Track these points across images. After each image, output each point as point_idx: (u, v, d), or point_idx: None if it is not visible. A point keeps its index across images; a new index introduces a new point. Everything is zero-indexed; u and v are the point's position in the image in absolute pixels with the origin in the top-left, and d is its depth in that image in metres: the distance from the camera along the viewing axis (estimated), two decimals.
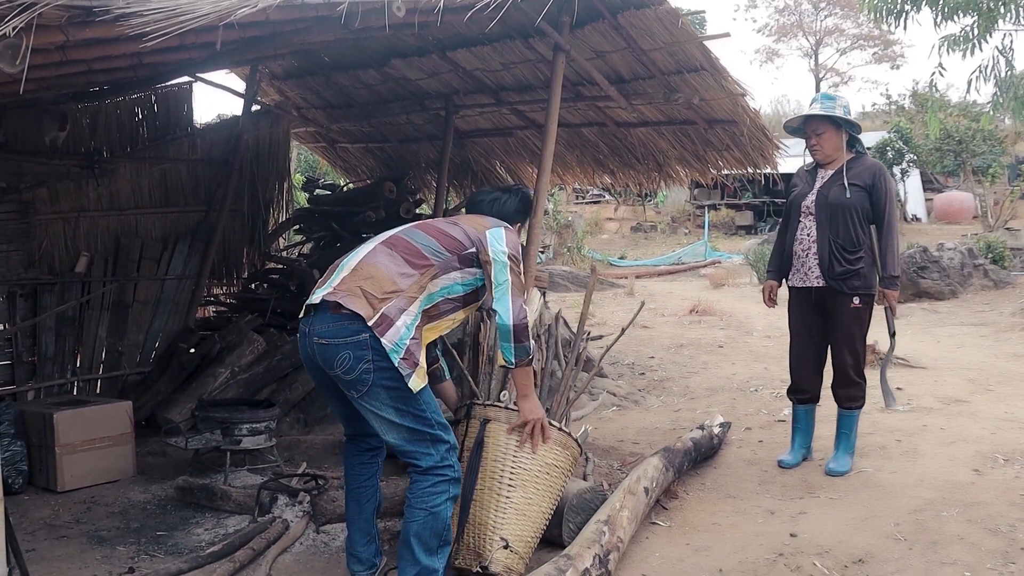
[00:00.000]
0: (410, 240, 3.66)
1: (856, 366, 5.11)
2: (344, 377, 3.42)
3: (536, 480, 3.86)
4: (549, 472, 3.90)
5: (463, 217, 3.95)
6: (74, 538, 4.53)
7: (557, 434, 3.92)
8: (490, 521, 3.82)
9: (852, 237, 4.99)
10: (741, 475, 5.20)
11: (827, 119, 5.08)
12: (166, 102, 7.50)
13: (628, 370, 8.72)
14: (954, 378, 7.59)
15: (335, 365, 3.41)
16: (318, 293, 3.54)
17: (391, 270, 3.52)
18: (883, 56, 46.94)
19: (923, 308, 12.45)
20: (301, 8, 3.65)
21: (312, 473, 5.02)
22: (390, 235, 3.74)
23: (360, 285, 3.46)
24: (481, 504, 3.84)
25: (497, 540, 3.80)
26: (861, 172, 5.05)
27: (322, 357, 3.45)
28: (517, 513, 3.83)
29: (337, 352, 3.39)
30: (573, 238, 22.39)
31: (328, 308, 3.45)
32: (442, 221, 3.86)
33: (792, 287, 5.27)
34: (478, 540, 3.83)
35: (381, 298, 3.42)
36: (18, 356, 6.60)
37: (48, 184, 6.78)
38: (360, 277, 3.50)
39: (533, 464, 3.85)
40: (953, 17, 9.66)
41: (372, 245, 3.67)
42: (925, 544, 4.05)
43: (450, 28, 5.51)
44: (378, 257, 3.58)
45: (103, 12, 3.04)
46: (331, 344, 3.41)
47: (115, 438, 5.50)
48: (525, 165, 8.35)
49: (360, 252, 3.65)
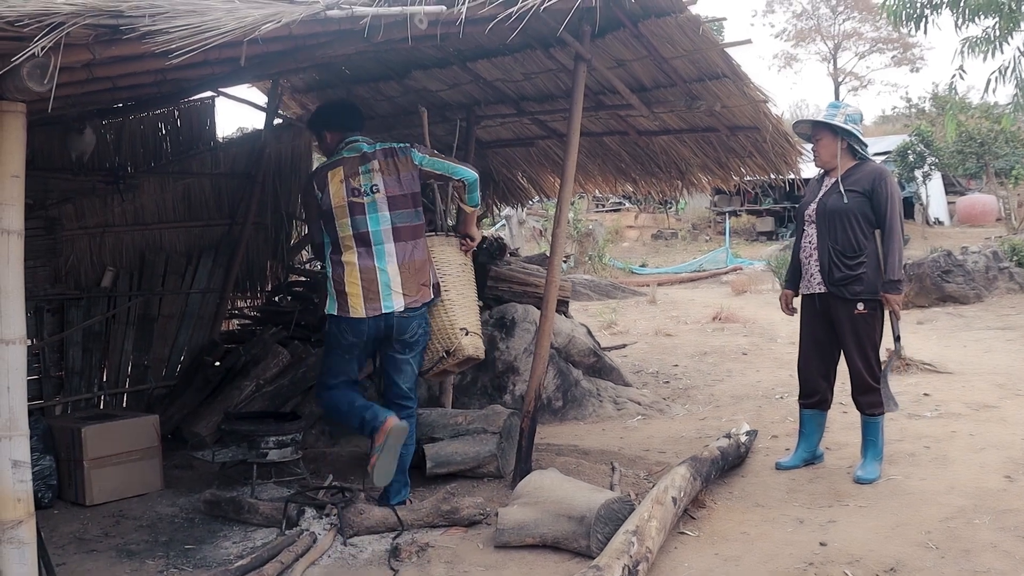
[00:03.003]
0: (407, 224, 4.71)
1: (871, 372, 5.09)
2: (409, 340, 4.73)
3: (460, 277, 5.08)
4: (463, 269, 5.14)
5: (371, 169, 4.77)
6: (103, 552, 4.55)
7: (454, 239, 5.16)
8: (446, 323, 4.95)
9: (852, 243, 5.01)
10: (769, 484, 5.17)
11: (826, 126, 5.17)
12: (189, 117, 7.55)
13: (652, 379, 8.70)
14: (982, 383, 7.51)
15: (406, 333, 4.70)
16: (390, 304, 4.62)
17: (422, 255, 4.77)
18: (902, 59, 46.80)
19: (948, 312, 12.36)
20: (324, 22, 3.66)
21: (339, 485, 5.03)
22: (392, 228, 4.69)
23: (417, 280, 4.70)
24: (434, 316, 4.94)
25: (458, 331, 4.94)
26: (860, 178, 5.08)
27: (398, 326, 4.66)
28: (461, 307, 4.99)
29: (411, 323, 4.70)
30: (594, 247, 22.36)
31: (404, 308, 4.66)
32: (392, 181, 4.75)
33: (802, 295, 5.36)
34: (445, 342, 4.96)
35: (427, 280, 4.76)
36: (46, 371, 6.64)
37: (74, 200, 6.83)
38: (410, 272, 4.68)
39: (453, 268, 5.06)
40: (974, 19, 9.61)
41: (391, 243, 4.67)
42: (957, 552, 4.01)
43: (471, 39, 5.50)
44: (410, 252, 4.70)
45: (130, 30, 3.07)
46: (409, 317, 4.67)
47: (143, 452, 5.53)
48: (547, 175, 8.35)
49: (390, 252, 4.67)
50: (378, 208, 4.69)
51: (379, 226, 4.67)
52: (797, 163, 6.47)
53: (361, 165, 4.75)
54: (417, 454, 5.29)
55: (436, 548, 4.36)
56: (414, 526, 4.60)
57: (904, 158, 25.44)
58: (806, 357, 5.37)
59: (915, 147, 25.64)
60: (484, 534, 4.51)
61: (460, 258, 5.14)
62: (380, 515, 4.61)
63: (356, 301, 4.62)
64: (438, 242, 5.08)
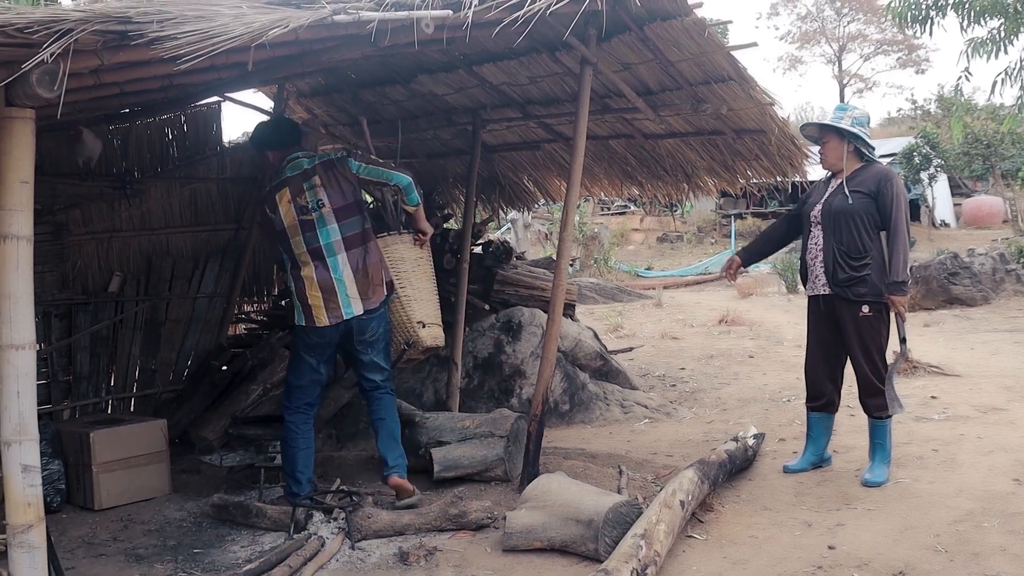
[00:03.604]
0: (355, 232, 4.99)
1: (877, 374, 5.08)
2: (369, 340, 5.02)
3: (415, 272, 5.35)
4: (418, 263, 5.39)
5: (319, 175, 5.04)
6: (112, 556, 4.57)
7: (407, 236, 5.41)
8: (404, 318, 5.28)
9: (857, 244, 5.00)
10: (776, 487, 5.16)
11: (832, 129, 5.18)
12: (195, 122, 7.56)
13: (659, 382, 8.69)
14: (990, 386, 7.49)
15: (366, 333, 4.99)
16: (350, 310, 4.91)
17: (374, 257, 5.03)
18: (907, 61, 46.71)
19: (955, 315, 12.32)
20: (331, 27, 3.68)
21: (347, 489, 5.04)
22: (342, 238, 4.96)
23: (372, 283, 4.98)
24: (393, 311, 5.24)
25: (415, 324, 5.27)
26: (866, 179, 5.08)
27: (357, 328, 4.95)
28: (416, 301, 5.31)
29: (369, 323, 4.98)
30: (600, 250, 22.36)
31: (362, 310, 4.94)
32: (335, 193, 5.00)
33: (807, 296, 5.36)
34: (405, 335, 5.30)
35: (380, 280, 5.02)
36: (54, 376, 6.66)
37: (81, 205, 6.85)
38: (364, 277, 4.96)
39: (407, 264, 5.33)
40: (980, 21, 9.62)
41: (342, 253, 4.95)
42: (966, 556, 4.00)
43: (477, 43, 5.53)
44: (361, 258, 4.98)
45: (138, 36, 3.08)
46: (368, 319, 4.97)
47: (150, 456, 5.54)
48: (553, 178, 8.35)
49: (343, 262, 4.94)
50: (326, 222, 4.96)
51: (329, 239, 4.95)
52: (803, 166, 6.47)
53: (304, 182, 5.01)
54: (424, 458, 5.35)
55: (444, 552, 4.37)
56: (422, 530, 4.60)
57: (910, 160, 25.39)
58: (812, 359, 5.37)
59: (921, 149, 25.58)
60: (492, 538, 4.52)
61: (415, 253, 5.42)
62: (388, 519, 4.62)
63: (319, 312, 4.91)
64: (391, 241, 5.36)
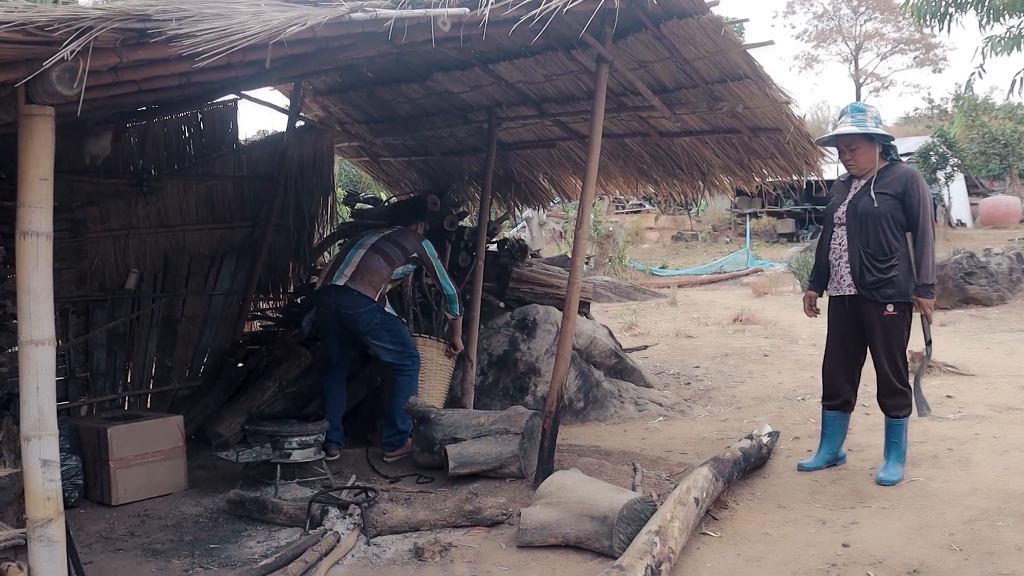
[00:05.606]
0: (385, 248, 6.14)
1: (898, 374, 5.06)
2: (364, 330, 5.97)
3: (434, 375, 6.60)
4: (441, 368, 6.66)
5: (405, 231, 6.39)
6: (129, 551, 4.60)
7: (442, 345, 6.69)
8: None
9: (883, 246, 4.97)
10: (791, 485, 5.15)
11: (863, 135, 5.07)
12: (212, 120, 7.60)
13: (674, 380, 8.69)
14: (1005, 385, 7.46)
15: (359, 325, 5.95)
16: (337, 278, 5.96)
17: (380, 267, 6.04)
18: (924, 60, 46.42)
19: (971, 314, 12.26)
20: (348, 25, 3.69)
21: (362, 486, 5.06)
22: (373, 243, 6.16)
23: (366, 278, 5.96)
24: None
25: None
26: (892, 181, 5.03)
27: (349, 321, 5.96)
28: (426, 394, 6.39)
29: (360, 317, 5.93)
30: (614, 248, 22.29)
31: (349, 291, 5.91)
32: (397, 234, 6.32)
33: (830, 296, 5.31)
34: None
35: (377, 285, 5.96)
36: (71, 372, 6.71)
37: (98, 203, 6.90)
38: (364, 272, 5.98)
39: (432, 366, 6.55)
40: (999, 18, 9.57)
41: (363, 250, 6.10)
42: (981, 555, 3.99)
43: (493, 41, 5.53)
44: (371, 259, 6.05)
45: (156, 34, 3.11)
46: (355, 313, 5.93)
47: (167, 452, 5.57)
48: (568, 176, 8.35)
49: (358, 253, 6.10)
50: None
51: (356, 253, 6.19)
52: (819, 164, 6.44)
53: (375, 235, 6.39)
54: (439, 454, 5.38)
55: (459, 548, 4.38)
56: (437, 526, 4.62)
57: (926, 159, 25.23)
58: (831, 358, 5.34)
59: (937, 148, 25.42)
60: (507, 534, 4.53)
61: (441, 360, 6.63)
62: (403, 515, 4.64)
63: (319, 281, 6.32)
64: (429, 343, 6.59)
